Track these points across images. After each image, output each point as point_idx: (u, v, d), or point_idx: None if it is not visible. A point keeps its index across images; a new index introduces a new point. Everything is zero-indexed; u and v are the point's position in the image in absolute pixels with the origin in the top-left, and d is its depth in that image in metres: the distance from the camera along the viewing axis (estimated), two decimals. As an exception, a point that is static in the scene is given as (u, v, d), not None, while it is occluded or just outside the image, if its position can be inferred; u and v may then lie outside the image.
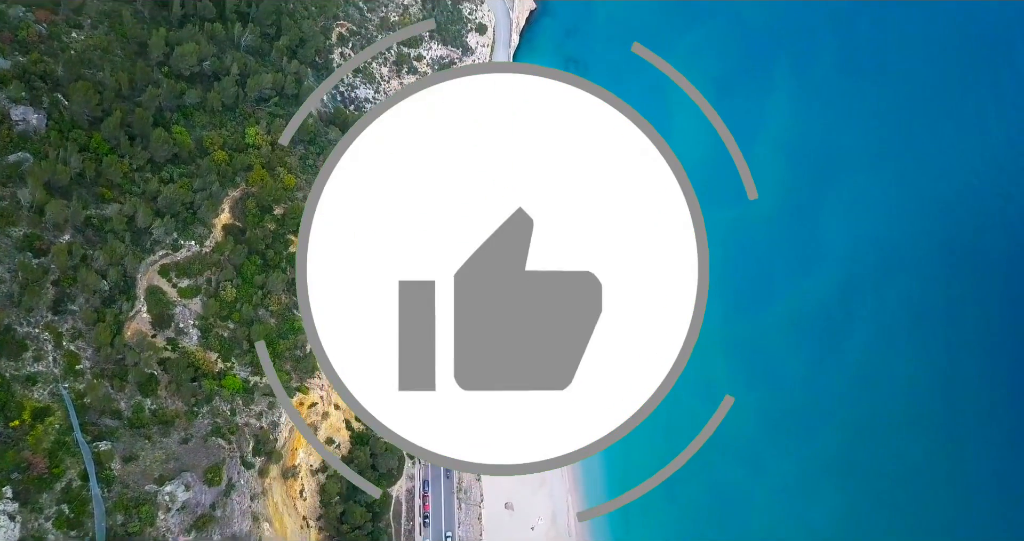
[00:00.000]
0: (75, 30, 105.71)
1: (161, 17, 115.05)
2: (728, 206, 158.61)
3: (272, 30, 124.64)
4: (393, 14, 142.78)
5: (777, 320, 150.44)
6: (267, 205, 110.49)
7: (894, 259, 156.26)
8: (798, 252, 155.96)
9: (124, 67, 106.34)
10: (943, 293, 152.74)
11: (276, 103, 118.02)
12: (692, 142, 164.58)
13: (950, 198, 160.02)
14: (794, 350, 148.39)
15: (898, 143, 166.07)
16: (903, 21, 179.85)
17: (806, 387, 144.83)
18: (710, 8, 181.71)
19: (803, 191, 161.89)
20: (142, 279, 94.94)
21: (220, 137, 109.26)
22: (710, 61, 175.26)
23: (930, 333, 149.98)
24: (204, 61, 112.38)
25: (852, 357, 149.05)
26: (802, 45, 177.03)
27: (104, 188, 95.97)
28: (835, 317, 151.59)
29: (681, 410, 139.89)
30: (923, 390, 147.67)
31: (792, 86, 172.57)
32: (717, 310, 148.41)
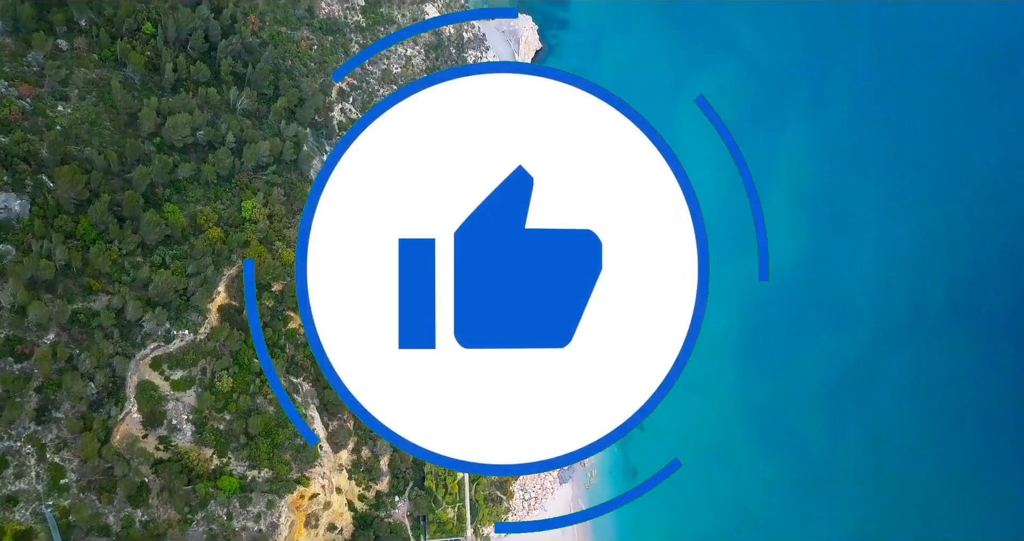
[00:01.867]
0: (61, 103, 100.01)
1: (153, 82, 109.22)
2: (742, 260, 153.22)
3: (270, 90, 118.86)
4: (395, 66, 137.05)
5: (798, 382, 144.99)
6: (265, 282, 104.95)
7: (921, 313, 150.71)
8: (819, 309, 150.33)
9: (113, 140, 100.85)
10: (973, 355, 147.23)
11: (274, 171, 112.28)
12: (706, 189, 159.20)
13: (977, 250, 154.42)
14: (817, 414, 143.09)
15: (920, 189, 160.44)
16: (919, 61, 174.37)
17: (829, 455, 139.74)
18: (721, 48, 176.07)
19: (822, 241, 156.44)
20: (132, 377, 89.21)
21: (215, 212, 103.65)
22: (721, 104, 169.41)
23: (958, 396, 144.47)
24: (198, 130, 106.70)
25: (877, 417, 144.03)
26: (817, 86, 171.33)
27: (91, 279, 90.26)
28: (861, 377, 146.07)
29: (695, 478, 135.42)
30: (952, 453, 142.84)
31: (807, 129, 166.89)
32: (733, 373, 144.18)
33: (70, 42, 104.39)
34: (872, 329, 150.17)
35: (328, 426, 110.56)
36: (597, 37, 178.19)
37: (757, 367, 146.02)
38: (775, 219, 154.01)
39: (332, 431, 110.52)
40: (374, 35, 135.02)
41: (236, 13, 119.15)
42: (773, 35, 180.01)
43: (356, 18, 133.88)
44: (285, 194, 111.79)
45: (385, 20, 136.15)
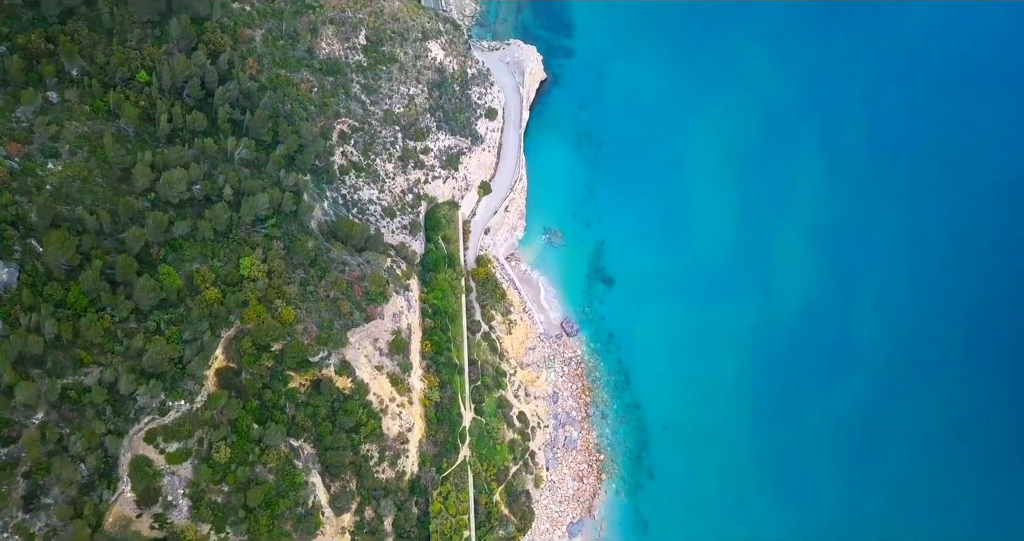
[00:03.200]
0: (52, 160, 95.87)
1: (147, 134, 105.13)
2: (751, 303, 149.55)
3: (269, 136, 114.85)
4: (398, 105, 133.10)
5: (810, 427, 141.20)
6: (264, 343, 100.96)
7: (931, 360, 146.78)
8: (827, 354, 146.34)
9: (106, 198, 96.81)
10: (986, 397, 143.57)
11: (273, 223, 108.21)
12: (713, 230, 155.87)
13: (986, 291, 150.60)
14: (829, 460, 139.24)
15: (929, 226, 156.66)
16: (933, 98, 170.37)
17: (842, 503, 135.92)
18: (731, 80, 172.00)
19: (831, 281, 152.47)
20: (125, 455, 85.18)
21: (212, 271, 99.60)
22: (732, 138, 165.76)
23: (973, 440, 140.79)
24: (194, 185, 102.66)
25: (890, 462, 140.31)
26: (830, 123, 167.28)
27: (82, 351, 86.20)
28: (873, 421, 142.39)
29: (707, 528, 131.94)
30: (969, 498, 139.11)
31: (819, 166, 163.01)
32: (744, 419, 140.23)
33: (61, 94, 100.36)
34: (883, 372, 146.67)
35: (330, 488, 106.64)
36: (603, 66, 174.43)
37: (768, 412, 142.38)
38: (785, 259, 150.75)
39: (334, 494, 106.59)
40: (376, 75, 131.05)
41: (234, 57, 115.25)
42: (781, 64, 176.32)
43: (357, 58, 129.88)
44: (285, 247, 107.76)
45: (387, 59, 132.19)
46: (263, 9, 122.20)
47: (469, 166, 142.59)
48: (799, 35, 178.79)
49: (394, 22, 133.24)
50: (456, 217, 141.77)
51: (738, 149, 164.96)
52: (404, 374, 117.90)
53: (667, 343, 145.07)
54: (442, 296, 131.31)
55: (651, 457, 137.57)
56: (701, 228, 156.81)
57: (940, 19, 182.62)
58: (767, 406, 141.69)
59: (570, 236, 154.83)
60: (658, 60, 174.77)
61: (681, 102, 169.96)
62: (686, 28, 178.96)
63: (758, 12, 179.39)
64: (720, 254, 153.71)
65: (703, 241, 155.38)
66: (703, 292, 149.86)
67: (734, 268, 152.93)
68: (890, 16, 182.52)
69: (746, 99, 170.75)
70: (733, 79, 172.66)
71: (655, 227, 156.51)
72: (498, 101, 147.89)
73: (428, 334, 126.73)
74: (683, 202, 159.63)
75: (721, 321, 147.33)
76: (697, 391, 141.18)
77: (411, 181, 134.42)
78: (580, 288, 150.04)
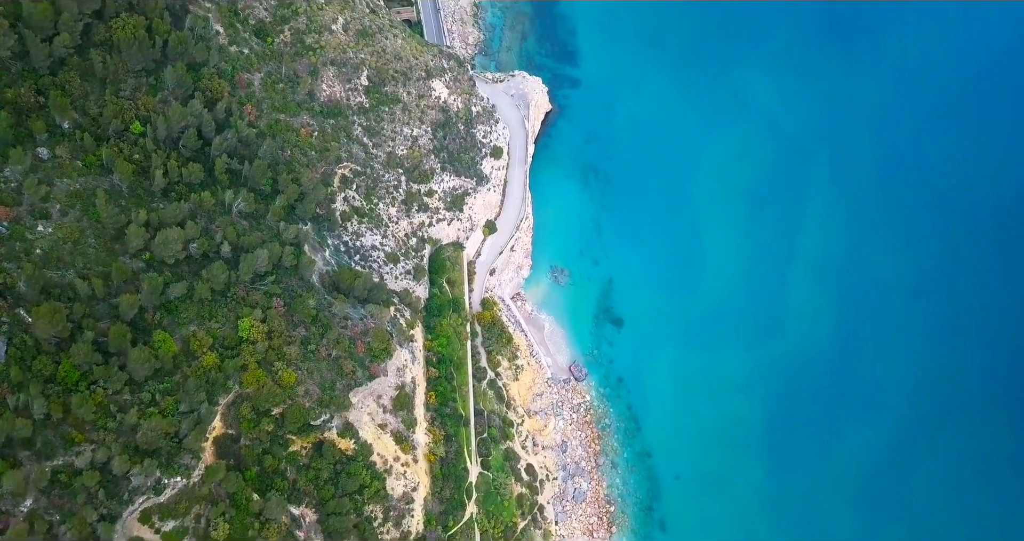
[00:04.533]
0: (42, 221, 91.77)
1: (142, 188, 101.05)
2: (765, 342, 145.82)
3: (268, 186, 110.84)
4: (401, 147, 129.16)
5: (828, 475, 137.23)
6: (264, 409, 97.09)
7: (951, 401, 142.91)
8: (842, 397, 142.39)
9: (99, 260, 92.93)
10: (1013, 444, 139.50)
11: (273, 280, 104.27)
12: (723, 267, 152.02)
13: (1014, 332, 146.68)
14: (850, 511, 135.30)
15: (949, 263, 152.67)
16: (946, 128, 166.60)
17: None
18: (740, 110, 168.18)
19: (847, 321, 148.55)
20: (119, 540, 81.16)
21: (209, 335, 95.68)
22: (740, 171, 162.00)
23: (999, 490, 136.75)
24: (191, 243, 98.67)
25: (915, 514, 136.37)
26: (839, 155, 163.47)
27: (73, 429, 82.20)
28: (895, 469, 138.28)
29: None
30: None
31: (830, 201, 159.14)
32: (759, 467, 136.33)
33: (52, 150, 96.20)
34: (901, 414, 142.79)
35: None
36: (609, 96, 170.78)
37: (782, 459, 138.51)
38: (798, 297, 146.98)
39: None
40: (378, 117, 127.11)
41: (232, 104, 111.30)
42: (789, 93, 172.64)
43: (359, 99, 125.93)
44: (285, 304, 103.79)
45: (390, 100, 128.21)
46: (262, 52, 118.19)
47: (474, 206, 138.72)
48: (807, 63, 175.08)
49: (397, 61, 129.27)
50: (461, 259, 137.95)
51: (747, 183, 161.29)
52: (408, 431, 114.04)
53: (678, 387, 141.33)
54: (447, 343, 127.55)
55: (662, 508, 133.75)
56: (711, 265, 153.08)
57: (950, 45, 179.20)
58: (781, 452, 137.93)
59: (577, 275, 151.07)
60: (664, 89, 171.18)
61: (689, 133, 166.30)
62: (693, 56, 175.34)
63: (765, 41, 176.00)
64: (731, 292, 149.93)
65: (713, 279, 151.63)
66: (714, 332, 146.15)
67: (745, 307, 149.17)
68: (897, 43, 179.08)
69: (754, 131, 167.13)
70: (741, 110, 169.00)
71: (664, 264, 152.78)
72: (503, 138, 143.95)
73: (433, 384, 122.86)
74: (692, 238, 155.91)
75: (733, 363, 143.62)
76: (709, 437, 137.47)
77: (415, 225, 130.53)
78: (588, 329, 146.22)
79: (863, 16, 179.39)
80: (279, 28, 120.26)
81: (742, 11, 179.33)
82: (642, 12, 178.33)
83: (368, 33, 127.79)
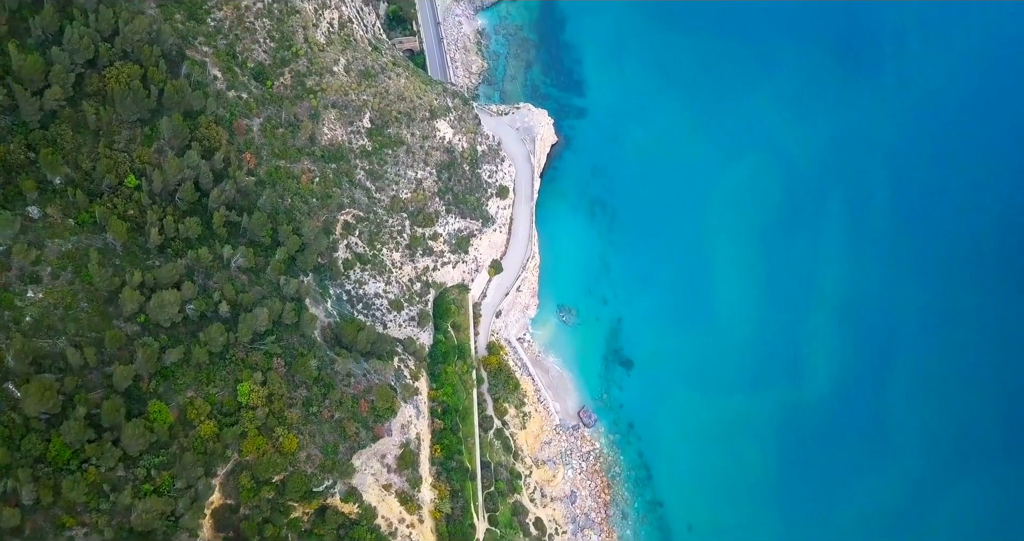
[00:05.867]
0: (32, 286, 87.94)
1: (137, 246, 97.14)
2: (779, 386, 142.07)
3: (267, 237, 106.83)
4: (405, 191, 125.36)
5: (844, 522, 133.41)
6: (265, 478, 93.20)
7: (975, 447, 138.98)
8: (860, 442, 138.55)
9: (92, 325, 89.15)
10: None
11: (274, 340, 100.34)
12: (735, 306, 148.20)
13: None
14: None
15: (967, 302, 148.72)
16: (963, 161, 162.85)
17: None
18: (750, 142, 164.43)
19: (865, 362, 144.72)
20: (112, 631, 77.29)
21: (207, 402, 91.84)
22: (752, 206, 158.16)
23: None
24: (188, 304, 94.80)
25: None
26: (854, 190, 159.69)
27: (64, 513, 78.30)
28: (908, 519, 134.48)
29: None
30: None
31: (845, 237, 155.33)
32: (773, 516, 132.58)
33: (42, 209, 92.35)
34: (922, 460, 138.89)
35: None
36: (616, 128, 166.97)
37: (798, 508, 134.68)
38: (812, 338, 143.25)
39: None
40: (381, 160, 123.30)
41: (230, 153, 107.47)
42: (801, 124, 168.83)
43: (362, 142, 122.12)
44: (286, 364, 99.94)
45: (393, 142, 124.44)
46: (261, 96, 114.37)
47: (479, 247, 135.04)
48: (818, 93, 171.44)
49: (400, 102, 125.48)
50: (466, 301, 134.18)
51: (758, 217, 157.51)
52: (413, 489, 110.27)
53: (690, 432, 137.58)
54: (452, 392, 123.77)
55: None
56: (722, 304, 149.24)
57: (966, 75, 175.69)
58: (796, 501, 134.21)
59: (585, 314, 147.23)
60: (672, 120, 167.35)
61: (698, 165, 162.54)
62: (701, 85, 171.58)
63: (775, 70, 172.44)
64: (743, 333, 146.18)
65: (725, 318, 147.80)
66: (726, 375, 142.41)
67: (758, 348, 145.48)
68: (911, 72, 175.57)
69: (765, 163, 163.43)
70: (751, 141, 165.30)
71: (674, 303, 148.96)
72: (509, 176, 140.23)
73: (438, 437, 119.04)
74: (702, 276, 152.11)
75: (746, 407, 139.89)
76: (722, 485, 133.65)
77: (419, 269, 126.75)
78: (597, 372, 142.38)
79: (875, 45, 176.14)
80: (279, 71, 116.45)
81: (751, 40, 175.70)
82: (649, 41, 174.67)
83: (370, 73, 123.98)
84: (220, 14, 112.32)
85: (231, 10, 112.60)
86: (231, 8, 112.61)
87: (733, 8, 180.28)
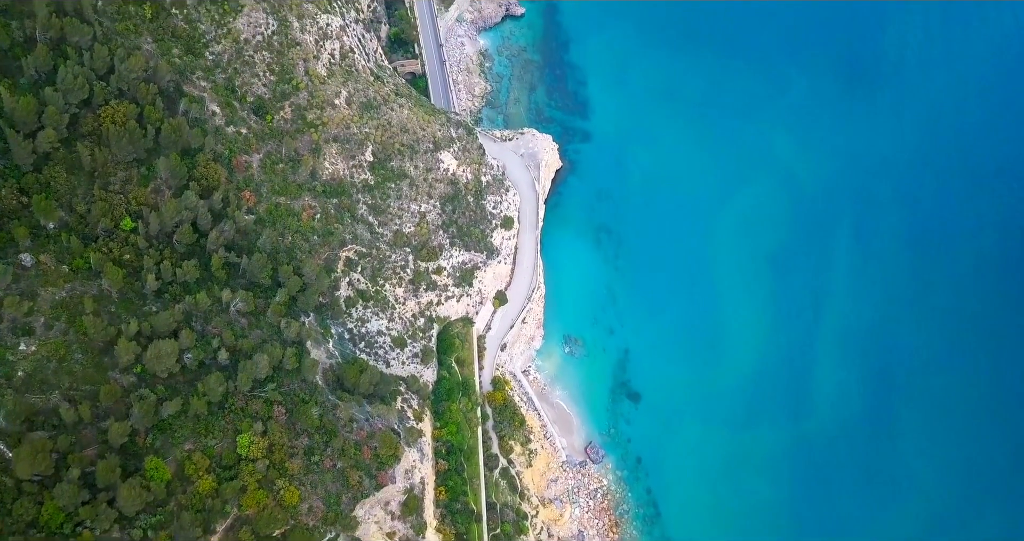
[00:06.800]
0: (24, 339, 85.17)
1: (133, 292, 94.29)
2: (790, 418, 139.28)
3: (268, 278, 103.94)
4: (408, 224, 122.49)
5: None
6: (266, 533, 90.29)
7: (990, 482, 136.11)
8: (872, 477, 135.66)
9: (87, 377, 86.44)
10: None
11: (274, 387, 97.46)
12: (744, 336, 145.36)
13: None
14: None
15: (981, 342, 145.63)
16: (974, 183, 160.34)
17: None
18: (758, 165, 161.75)
19: (871, 395, 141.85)
20: None
21: (205, 455, 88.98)
22: (760, 232, 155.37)
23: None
24: (185, 353, 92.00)
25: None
26: (862, 215, 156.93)
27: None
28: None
29: None
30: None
31: (854, 265, 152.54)
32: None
33: (35, 256, 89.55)
34: (936, 495, 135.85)
35: None
36: (621, 152, 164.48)
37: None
38: (825, 371, 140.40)
39: None
40: (384, 194, 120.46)
41: (229, 192, 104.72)
42: (809, 146, 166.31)
43: (364, 176, 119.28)
44: (288, 411, 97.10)
45: (396, 175, 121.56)
46: (261, 131, 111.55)
47: (484, 280, 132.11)
48: (827, 116, 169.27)
49: (403, 134, 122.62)
50: (470, 335, 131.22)
51: (767, 244, 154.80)
52: (418, 536, 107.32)
53: (699, 468, 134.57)
54: (456, 430, 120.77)
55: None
56: (731, 333, 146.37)
57: (977, 98, 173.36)
58: (809, 537, 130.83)
59: (592, 345, 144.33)
60: (678, 143, 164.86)
61: (705, 190, 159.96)
62: (708, 107, 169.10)
63: (783, 93, 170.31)
64: (753, 364, 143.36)
65: (733, 348, 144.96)
66: (736, 408, 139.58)
67: (768, 379, 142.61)
68: (921, 95, 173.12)
69: (774, 187, 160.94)
70: (760, 164, 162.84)
71: (682, 333, 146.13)
72: (514, 206, 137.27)
73: (443, 478, 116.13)
74: (710, 304, 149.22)
75: (756, 441, 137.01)
76: (732, 523, 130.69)
77: (422, 304, 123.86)
78: (604, 405, 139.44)
79: (883, 67, 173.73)
80: (279, 104, 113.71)
81: (757, 60, 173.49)
82: (654, 61, 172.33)
83: (373, 105, 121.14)
84: (219, 47, 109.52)
85: (230, 43, 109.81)
86: (230, 41, 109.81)
87: (739, 28, 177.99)
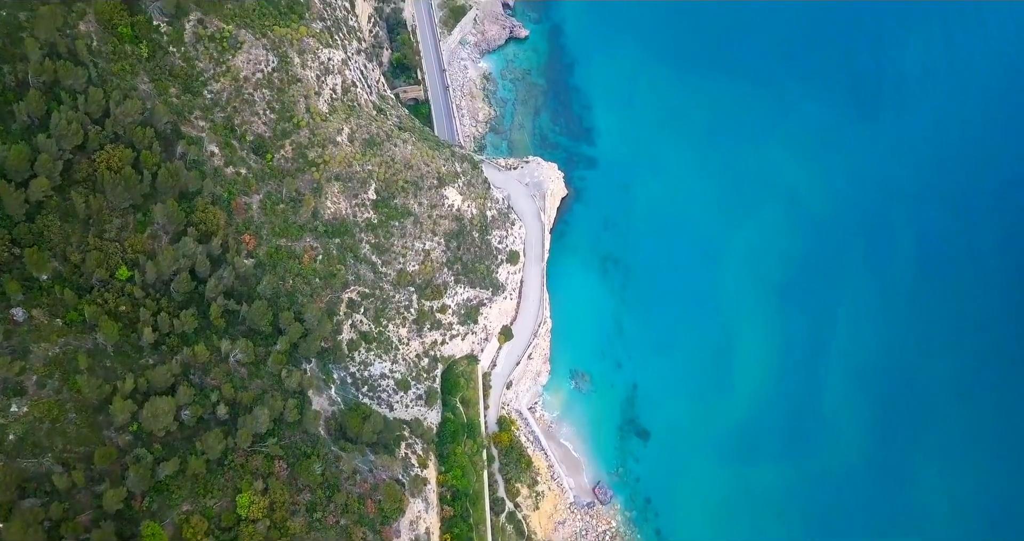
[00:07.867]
0: (15, 399, 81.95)
1: (129, 345, 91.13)
2: (803, 457, 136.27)
3: (268, 326, 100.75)
4: (412, 263, 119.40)
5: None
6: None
7: (1003, 518, 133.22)
8: (886, 517, 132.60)
9: (81, 438, 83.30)
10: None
11: (276, 442, 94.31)
12: (755, 369, 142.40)
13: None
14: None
15: (998, 375, 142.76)
16: (989, 207, 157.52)
17: None
18: (766, 192, 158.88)
19: (887, 434, 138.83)
20: None
21: (204, 517, 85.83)
22: (769, 261, 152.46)
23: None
24: (183, 410, 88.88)
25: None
26: (874, 243, 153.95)
27: None
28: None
29: None
30: None
31: (866, 295, 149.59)
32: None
33: (27, 310, 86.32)
34: (953, 534, 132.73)
35: None
36: (628, 179, 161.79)
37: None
38: (838, 406, 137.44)
39: None
40: (387, 232, 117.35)
41: (228, 236, 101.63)
42: (819, 174, 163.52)
43: (367, 215, 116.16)
44: (289, 466, 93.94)
45: (400, 213, 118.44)
46: (261, 170, 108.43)
47: (489, 316, 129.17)
48: (835, 140, 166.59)
49: (407, 170, 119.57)
50: (475, 373, 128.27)
51: (778, 274, 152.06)
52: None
53: (710, 507, 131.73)
54: (462, 474, 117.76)
55: None
56: (741, 367, 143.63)
57: (988, 120, 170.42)
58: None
59: (599, 380, 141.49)
60: (686, 169, 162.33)
61: (712, 217, 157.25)
62: (715, 132, 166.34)
63: (791, 117, 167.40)
64: (765, 399, 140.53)
65: (744, 383, 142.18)
66: (747, 445, 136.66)
67: (780, 414, 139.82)
68: (931, 118, 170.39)
69: (783, 215, 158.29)
70: (769, 191, 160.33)
71: (691, 367, 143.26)
72: (519, 239, 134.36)
73: (448, 525, 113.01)
74: (720, 337, 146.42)
75: (768, 480, 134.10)
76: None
77: (427, 344, 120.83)
78: (612, 443, 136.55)
79: (891, 89, 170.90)
80: (279, 143, 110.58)
81: (765, 84, 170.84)
82: (661, 86, 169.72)
83: (375, 142, 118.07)
84: (217, 86, 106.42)
85: (229, 81, 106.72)
86: (229, 79, 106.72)
87: (747, 51, 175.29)
